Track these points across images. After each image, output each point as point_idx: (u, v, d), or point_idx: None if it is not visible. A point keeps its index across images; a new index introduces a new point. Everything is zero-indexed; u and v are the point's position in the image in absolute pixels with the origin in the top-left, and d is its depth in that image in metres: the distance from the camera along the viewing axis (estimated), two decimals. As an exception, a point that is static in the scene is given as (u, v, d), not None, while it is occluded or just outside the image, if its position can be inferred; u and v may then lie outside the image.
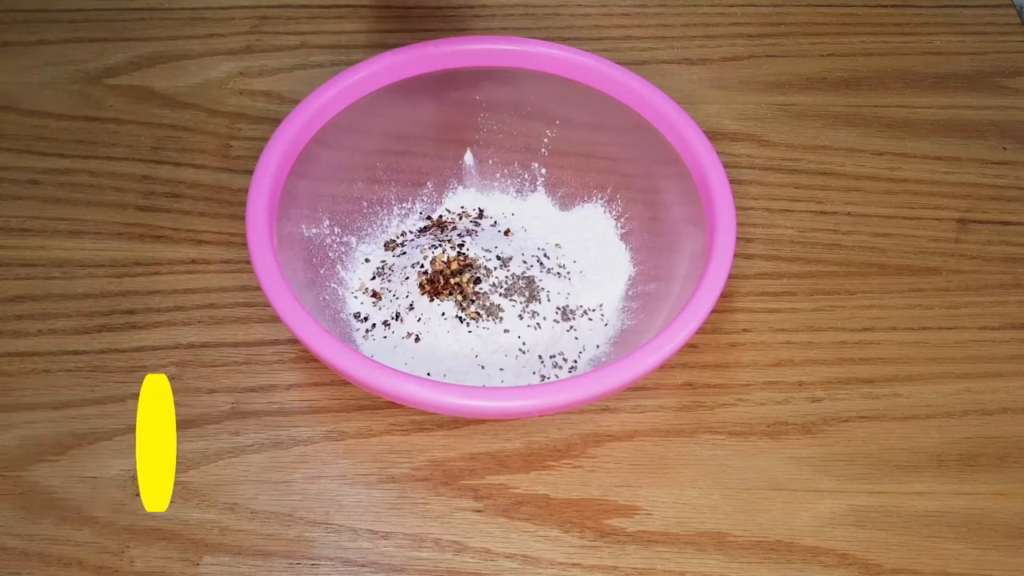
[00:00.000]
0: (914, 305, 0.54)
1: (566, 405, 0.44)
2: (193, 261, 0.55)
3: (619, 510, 0.47)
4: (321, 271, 0.53)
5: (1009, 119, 0.63)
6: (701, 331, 0.45)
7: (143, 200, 0.58)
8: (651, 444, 0.49)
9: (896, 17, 0.68)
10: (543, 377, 0.51)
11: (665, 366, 0.44)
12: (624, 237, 0.56)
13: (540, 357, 0.52)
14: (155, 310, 0.53)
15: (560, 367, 0.51)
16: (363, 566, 0.46)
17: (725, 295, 0.46)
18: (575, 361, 0.52)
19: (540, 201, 0.58)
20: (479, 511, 0.47)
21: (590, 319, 0.53)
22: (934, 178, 0.60)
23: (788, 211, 0.58)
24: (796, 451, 0.49)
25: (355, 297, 0.54)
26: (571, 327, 0.53)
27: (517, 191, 0.59)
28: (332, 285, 0.53)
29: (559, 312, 0.53)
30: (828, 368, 0.52)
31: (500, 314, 0.52)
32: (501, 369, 0.51)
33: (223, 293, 0.54)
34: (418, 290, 0.52)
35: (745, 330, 0.53)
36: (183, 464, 0.48)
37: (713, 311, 0.45)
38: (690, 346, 0.45)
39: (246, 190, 0.47)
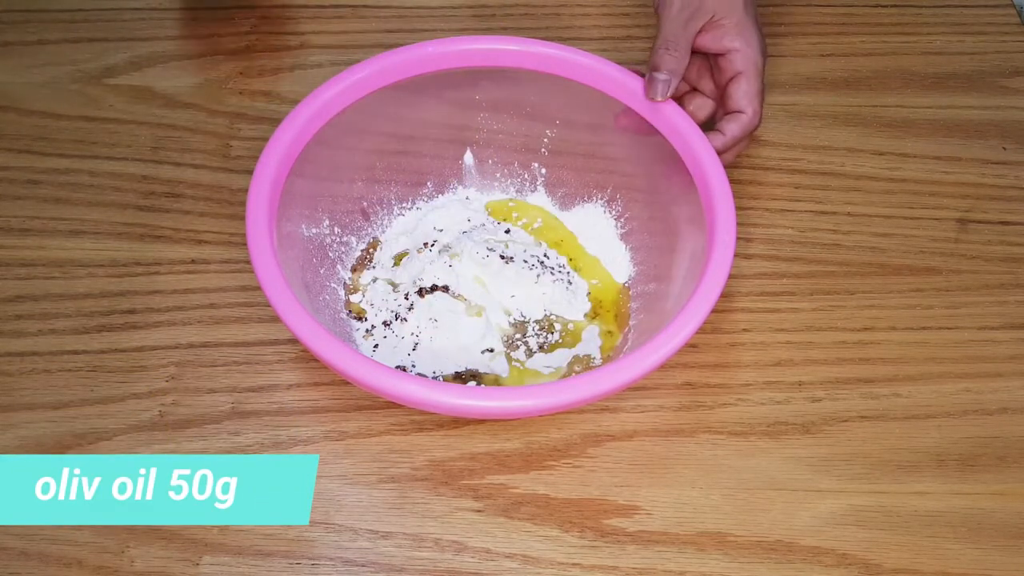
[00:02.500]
0: (914, 305, 0.54)
1: (565, 405, 0.44)
2: (193, 261, 0.55)
3: (619, 510, 0.47)
4: (321, 271, 0.53)
5: (1009, 119, 0.62)
6: (701, 331, 0.45)
7: (143, 200, 0.58)
8: (651, 444, 0.49)
9: (896, 17, 0.68)
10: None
11: (665, 366, 0.44)
12: (624, 237, 0.56)
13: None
14: (155, 310, 0.53)
15: None
16: (363, 566, 0.46)
17: (725, 295, 0.46)
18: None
19: (540, 201, 0.58)
20: (479, 511, 0.47)
21: (590, 319, 0.53)
22: (934, 178, 0.60)
23: (788, 211, 0.58)
24: (796, 451, 0.49)
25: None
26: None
27: (517, 191, 0.59)
28: (332, 285, 0.53)
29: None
30: (828, 368, 0.52)
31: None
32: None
33: (223, 293, 0.54)
34: (417, 295, 0.52)
35: (745, 330, 0.53)
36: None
37: (713, 311, 0.45)
38: (690, 346, 0.45)
39: (246, 190, 0.47)
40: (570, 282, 0.54)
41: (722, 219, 0.47)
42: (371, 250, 0.56)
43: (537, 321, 0.53)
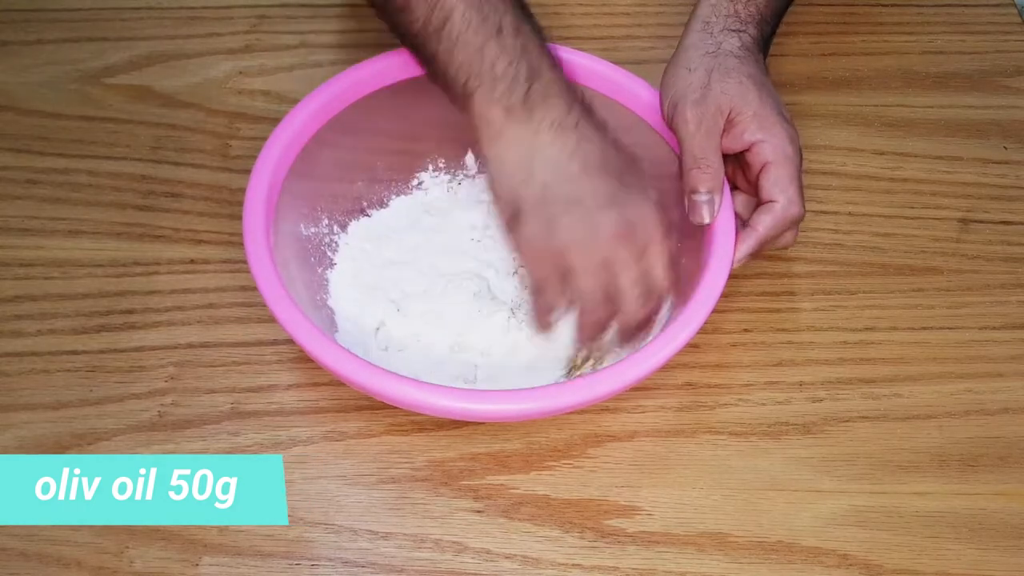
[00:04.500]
0: (915, 305, 0.54)
1: (563, 408, 0.43)
2: (192, 261, 0.55)
3: (619, 510, 0.47)
4: (319, 270, 0.53)
5: (1010, 118, 0.62)
6: (701, 331, 0.45)
7: (142, 200, 0.57)
8: (652, 444, 0.49)
9: (897, 16, 0.68)
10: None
11: (666, 366, 0.44)
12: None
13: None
14: (154, 310, 0.53)
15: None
16: (363, 566, 0.46)
17: (725, 295, 0.46)
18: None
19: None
20: (479, 511, 0.47)
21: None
22: (935, 177, 0.60)
23: (789, 211, 0.58)
24: (797, 451, 0.49)
25: (354, 297, 0.54)
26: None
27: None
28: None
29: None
30: (829, 368, 0.52)
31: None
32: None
33: (222, 293, 0.54)
34: None
35: (745, 330, 0.53)
36: (182, 464, 0.48)
37: (713, 311, 0.45)
38: (691, 346, 0.45)
39: (245, 190, 0.47)
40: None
41: (722, 221, 0.47)
42: None
43: None
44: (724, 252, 0.46)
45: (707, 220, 0.48)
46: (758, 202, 0.49)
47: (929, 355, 0.52)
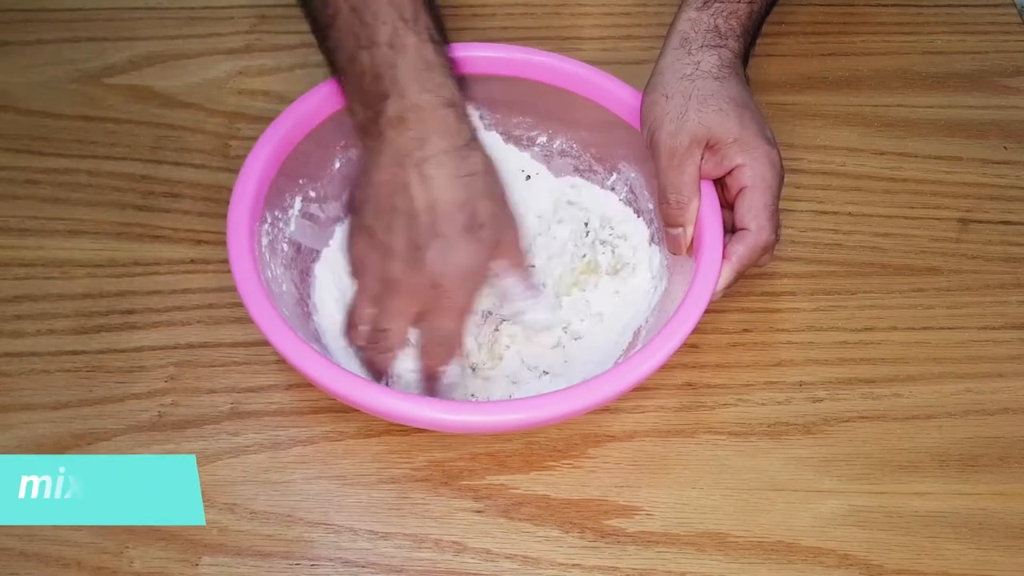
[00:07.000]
0: (915, 305, 0.54)
1: (548, 420, 0.43)
2: (192, 261, 0.55)
3: (619, 510, 0.47)
4: (308, 276, 0.52)
5: (1010, 119, 0.62)
6: (701, 331, 0.45)
7: (142, 200, 0.57)
8: (651, 444, 0.49)
9: (897, 16, 0.68)
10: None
11: (665, 366, 0.44)
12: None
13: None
14: (154, 310, 0.53)
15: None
16: (363, 567, 0.46)
17: (725, 295, 0.46)
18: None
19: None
20: (479, 511, 0.47)
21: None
22: (935, 178, 0.60)
23: (789, 211, 0.58)
24: (797, 451, 0.49)
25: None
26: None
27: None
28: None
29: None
30: (829, 368, 0.52)
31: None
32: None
33: (222, 293, 0.54)
34: None
35: (745, 330, 0.53)
36: (182, 464, 0.48)
37: (713, 311, 0.45)
38: (690, 346, 0.45)
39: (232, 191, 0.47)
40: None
41: (708, 230, 0.47)
42: None
43: None
44: (711, 264, 0.46)
45: (679, 252, 0.49)
46: (732, 226, 0.49)
47: (929, 355, 0.52)
